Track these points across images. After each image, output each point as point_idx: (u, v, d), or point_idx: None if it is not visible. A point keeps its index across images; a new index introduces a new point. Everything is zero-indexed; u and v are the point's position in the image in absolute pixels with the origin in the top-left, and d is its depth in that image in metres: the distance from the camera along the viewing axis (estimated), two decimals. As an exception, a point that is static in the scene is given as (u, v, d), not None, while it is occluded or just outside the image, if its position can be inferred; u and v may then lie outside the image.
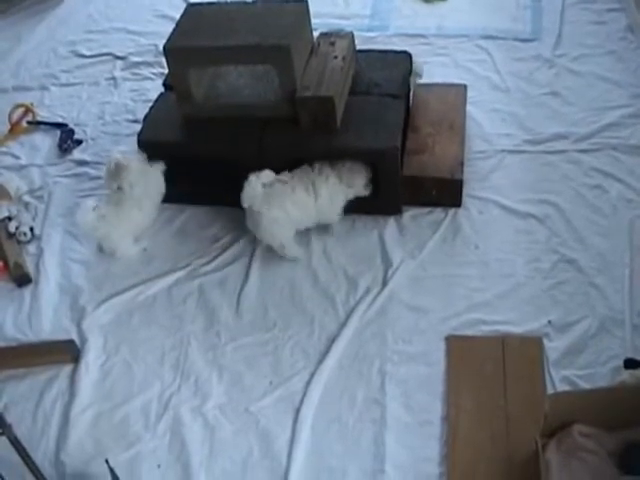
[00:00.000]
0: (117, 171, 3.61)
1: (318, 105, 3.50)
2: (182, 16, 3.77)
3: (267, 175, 3.46)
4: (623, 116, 4.15)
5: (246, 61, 3.58)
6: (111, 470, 2.78)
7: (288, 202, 3.47)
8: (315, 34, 3.87)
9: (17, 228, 3.91)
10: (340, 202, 3.58)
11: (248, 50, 3.48)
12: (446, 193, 3.71)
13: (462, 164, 3.74)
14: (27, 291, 3.69)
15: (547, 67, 4.56)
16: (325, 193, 3.51)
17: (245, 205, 3.44)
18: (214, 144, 3.68)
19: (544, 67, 4.57)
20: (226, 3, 3.93)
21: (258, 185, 3.41)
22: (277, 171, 3.53)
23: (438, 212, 3.74)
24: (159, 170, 3.72)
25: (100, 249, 3.78)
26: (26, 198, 4.16)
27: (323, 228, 3.68)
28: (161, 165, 3.71)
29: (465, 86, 4.21)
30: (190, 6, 3.92)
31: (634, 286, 3.34)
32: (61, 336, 3.45)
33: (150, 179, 3.71)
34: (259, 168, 3.60)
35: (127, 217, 3.65)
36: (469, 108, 4.11)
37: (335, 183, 3.51)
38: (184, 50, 3.59)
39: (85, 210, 3.62)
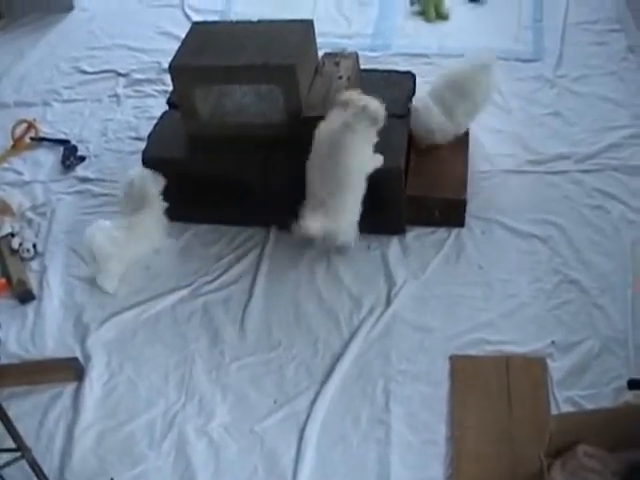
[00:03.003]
0: (141, 201, 3.63)
1: (323, 125, 3.52)
2: (188, 34, 3.80)
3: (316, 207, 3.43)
4: (624, 137, 4.17)
5: (252, 80, 3.60)
6: (116, 488, 2.79)
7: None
8: (319, 53, 3.89)
9: (20, 244, 3.91)
10: None
11: (254, 70, 3.51)
12: (449, 213, 3.73)
13: (465, 184, 3.77)
14: (30, 308, 3.69)
15: (549, 87, 4.59)
16: None
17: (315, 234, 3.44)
18: (219, 162, 3.70)
19: (546, 87, 4.59)
20: (231, 22, 3.96)
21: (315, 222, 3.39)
22: (282, 187, 3.55)
23: (441, 232, 3.76)
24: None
25: (89, 264, 3.72)
26: (29, 214, 4.16)
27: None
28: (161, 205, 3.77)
29: (468, 106, 4.22)
30: (196, 24, 3.95)
31: (637, 306, 3.36)
32: (64, 354, 3.45)
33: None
34: (264, 187, 3.63)
35: (136, 245, 3.67)
36: (472, 128, 4.12)
37: None
38: (190, 69, 3.62)
39: (99, 227, 3.60)
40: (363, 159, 3.45)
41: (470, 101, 3.93)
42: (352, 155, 3.39)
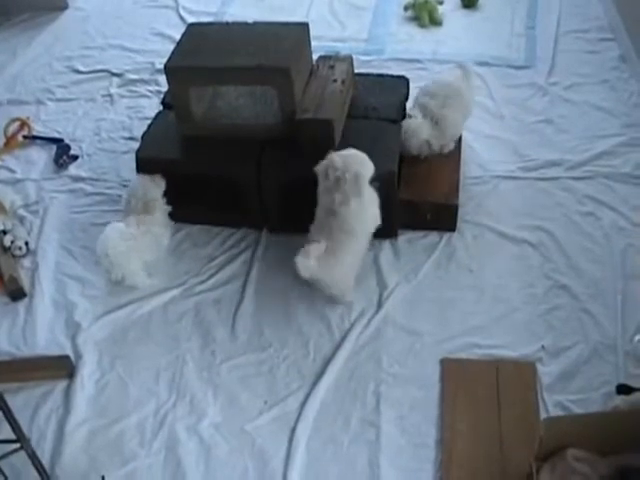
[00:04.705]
0: (145, 209, 3.63)
1: (317, 128, 3.53)
2: (183, 35, 3.80)
3: (318, 248, 3.29)
4: (615, 145, 4.20)
5: (247, 82, 3.60)
6: (107, 486, 2.79)
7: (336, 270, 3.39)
8: (313, 56, 3.90)
9: (12, 242, 3.90)
10: None
11: (249, 71, 3.51)
12: (441, 218, 3.75)
13: (457, 189, 3.78)
14: (22, 305, 3.68)
15: (541, 95, 4.62)
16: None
17: (305, 277, 3.31)
18: (212, 163, 3.70)
19: (538, 95, 4.63)
20: (227, 23, 3.97)
21: (311, 261, 3.24)
22: (275, 190, 3.56)
23: (433, 236, 3.78)
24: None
25: (110, 270, 3.63)
26: (21, 212, 4.16)
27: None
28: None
29: (460, 111, 4.24)
30: (192, 26, 3.95)
31: (626, 313, 3.39)
32: (56, 351, 3.45)
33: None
34: (256, 188, 3.64)
35: (146, 250, 3.65)
36: (464, 134, 4.14)
37: None
38: (185, 69, 3.62)
39: (111, 229, 3.56)
40: (365, 220, 3.41)
41: (456, 110, 3.96)
42: (353, 218, 3.34)
